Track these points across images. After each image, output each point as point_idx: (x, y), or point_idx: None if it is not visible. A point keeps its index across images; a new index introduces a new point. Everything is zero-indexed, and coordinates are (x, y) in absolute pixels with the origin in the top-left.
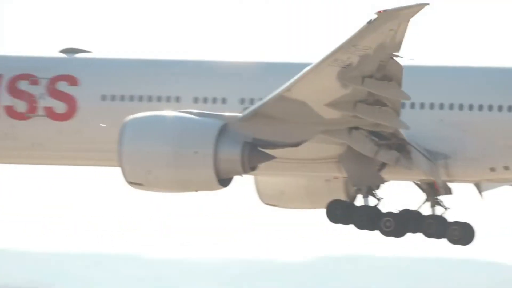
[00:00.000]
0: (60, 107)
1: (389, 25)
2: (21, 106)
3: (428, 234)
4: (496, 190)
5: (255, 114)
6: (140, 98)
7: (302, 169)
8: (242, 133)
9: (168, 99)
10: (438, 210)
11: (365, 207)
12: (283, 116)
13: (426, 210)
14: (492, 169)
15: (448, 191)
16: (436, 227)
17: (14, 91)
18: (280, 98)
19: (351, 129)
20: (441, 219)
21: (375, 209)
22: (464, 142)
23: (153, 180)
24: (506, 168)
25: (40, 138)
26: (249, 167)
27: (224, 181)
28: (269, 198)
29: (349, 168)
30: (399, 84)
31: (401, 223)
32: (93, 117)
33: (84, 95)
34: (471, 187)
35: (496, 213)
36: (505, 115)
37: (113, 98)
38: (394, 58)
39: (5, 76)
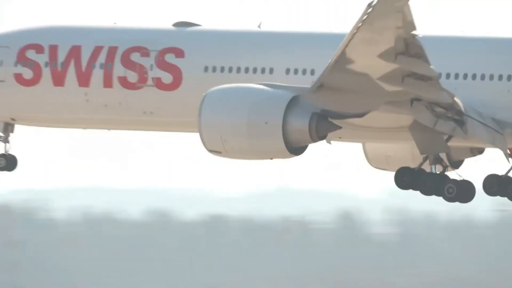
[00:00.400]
0: (167, 77)
1: (392, 7)
2: (133, 76)
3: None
4: None
5: (321, 86)
6: (238, 70)
7: (380, 137)
8: (311, 104)
9: (262, 70)
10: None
11: (431, 174)
12: (347, 87)
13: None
14: None
15: None
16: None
17: (127, 62)
18: (340, 69)
19: (412, 100)
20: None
21: (440, 176)
22: None
23: (230, 149)
24: None
25: (150, 107)
26: (317, 137)
27: (297, 149)
28: (377, 162)
29: (417, 136)
30: (425, 60)
31: (463, 190)
32: (196, 88)
33: (188, 66)
34: None
35: None
36: None
37: (214, 69)
38: (414, 36)
39: (119, 48)
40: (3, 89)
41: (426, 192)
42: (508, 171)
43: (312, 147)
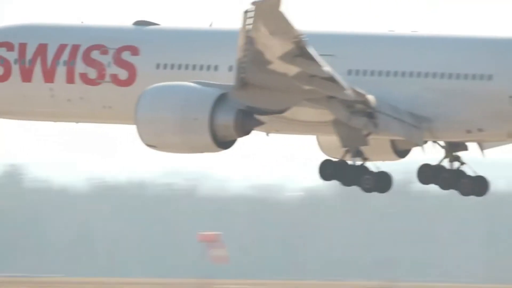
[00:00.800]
0: (123, 74)
1: (267, 14)
2: (92, 73)
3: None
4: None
5: (245, 84)
6: (186, 67)
7: (311, 130)
8: (237, 101)
9: (208, 67)
10: (456, 165)
11: (351, 166)
12: (268, 85)
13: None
14: (468, 131)
15: (464, 148)
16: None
17: (87, 60)
18: (260, 69)
19: (329, 97)
20: (458, 172)
21: (359, 167)
22: (444, 107)
23: (163, 144)
24: (480, 130)
25: (108, 102)
26: (242, 132)
27: (226, 144)
28: (330, 152)
29: (338, 131)
30: (316, 62)
31: (380, 180)
32: (149, 84)
33: (142, 63)
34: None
35: None
36: (476, 83)
37: (165, 66)
38: (299, 39)
39: (81, 46)
40: None
41: (347, 183)
42: (441, 160)
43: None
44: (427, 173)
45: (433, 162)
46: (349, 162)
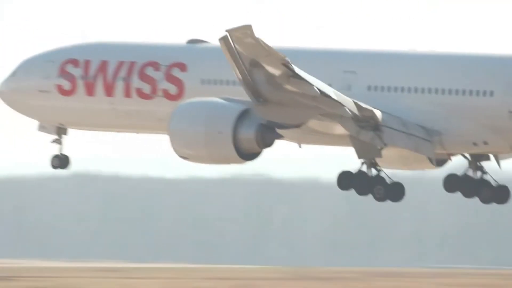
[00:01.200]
0: (173, 89)
1: (242, 40)
2: (146, 88)
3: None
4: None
5: (266, 100)
6: (227, 82)
7: (334, 142)
8: (258, 116)
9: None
10: (479, 174)
11: (365, 176)
12: (286, 102)
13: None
14: (475, 144)
15: (487, 158)
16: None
17: (142, 75)
18: (277, 87)
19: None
20: (481, 181)
21: (373, 178)
22: (452, 121)
23: (193, 155)
24: (485, 143)
25: (161, 115)
26: (263, 145)
27: (250, 155)
28: (387, 164)
29: (354, 144)
30: (306, 81)
31: (393, 190)
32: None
33: (189, 79)
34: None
35: None
36: (480, 98)
37: (209, 82)
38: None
39: (137, 63)
40: (49, 98)
41: (361, 192)
42: (466, 170)
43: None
44: (452, 182)
45: (459, 172)
46: (367, 173)
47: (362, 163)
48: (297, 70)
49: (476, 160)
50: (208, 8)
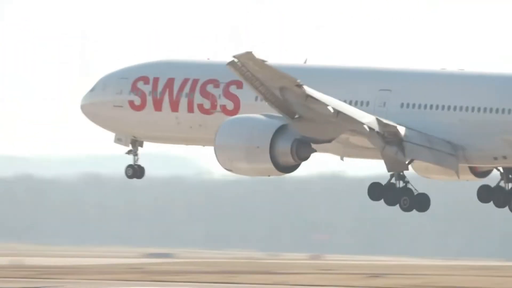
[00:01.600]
0: (230, 105)
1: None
2: (207, 104)
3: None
4: None
5: (300, 117)
6: None
7: (371, 155)
8: (295, 131)
9: None
10: (510, 185)
11: (394, 188)
12: (318, 119)
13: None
14: (495, 158)
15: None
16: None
17: (203, 92)
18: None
19: (369, 128)
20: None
21: (400, 189)
22: (475, 137)
23: (236, 168)
24: (504, 157)
25: None
26: (299, 158)
27: (288, 168)
28: (420, 171)
29: (383, 157)
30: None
31: (418, 201)
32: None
33: (244, 96)
34: None
35: None
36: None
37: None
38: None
39: (200, 80)
40: (122, 112)
41: (390, 203)
42: (499, 182)
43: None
44: (485, 193)
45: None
46: (396, 184)
47: (392, 176)
48: (309, 91)
49: (508, 173)
50: (208, 8)
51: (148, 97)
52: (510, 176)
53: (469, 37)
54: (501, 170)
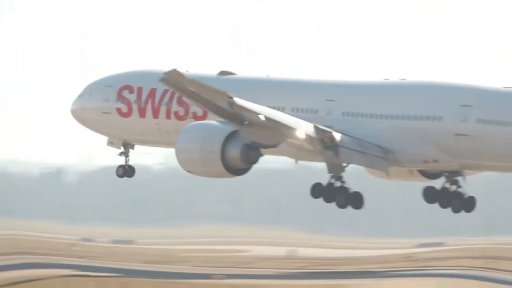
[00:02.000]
0: (200, 112)
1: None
2: (181, 111)
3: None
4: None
5: (249, 123)
6: None
7: (316, 158)
8: (245, 137)
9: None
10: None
11: (332, 187)
12: (264, 125)
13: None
14: (425, 162)
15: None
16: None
17: (180, 101)
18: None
19: (305, 135)
20: (454, 193)
21: (337, 188)
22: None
23: (194, 170)
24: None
25: None
26: (248, 162)
27: (240, 171)
28: (377, 175)
29: (324, 161)
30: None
31: (353, 199)
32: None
33: None
34: None
35: None
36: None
37: None
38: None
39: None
40: (111, 119)
41: (328, 200)
42: (444, 184)
43: None
44: (431, 194)
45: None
46: (334, 184)
47: (331, 177)
48: (240, 102)
49: (452, 176)
50: (208, 8)
51: (133, 105)
52: (454, 178)
53: (468, 36)
54: (446, 173)
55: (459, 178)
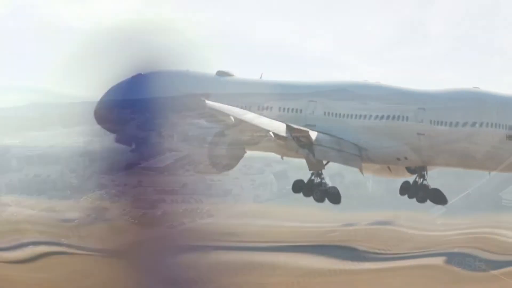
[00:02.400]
0: None
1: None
2: None
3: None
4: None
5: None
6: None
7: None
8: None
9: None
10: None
11: (311, 183)
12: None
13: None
14: (398, 159)
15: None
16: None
17: None
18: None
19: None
20: (422, 186)
21: (315, 184)
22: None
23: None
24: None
25: None
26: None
27: (227, 166)
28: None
29: (305, 158)
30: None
31: (330, 194)
32: None
33: None
34: None
35: None
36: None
37: None
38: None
39: None
40: None
41: (307, 194)
42: (416, 178)
43: None
44: (406, 188)
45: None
46: (314, 180)
47: (312, 174)
48: (211, 104)
49: (421, 170)
50: (208, 8)
51: None
52: (423, 173)
53: (466, 36)
54: (417, 168)
55: (424, 173)
